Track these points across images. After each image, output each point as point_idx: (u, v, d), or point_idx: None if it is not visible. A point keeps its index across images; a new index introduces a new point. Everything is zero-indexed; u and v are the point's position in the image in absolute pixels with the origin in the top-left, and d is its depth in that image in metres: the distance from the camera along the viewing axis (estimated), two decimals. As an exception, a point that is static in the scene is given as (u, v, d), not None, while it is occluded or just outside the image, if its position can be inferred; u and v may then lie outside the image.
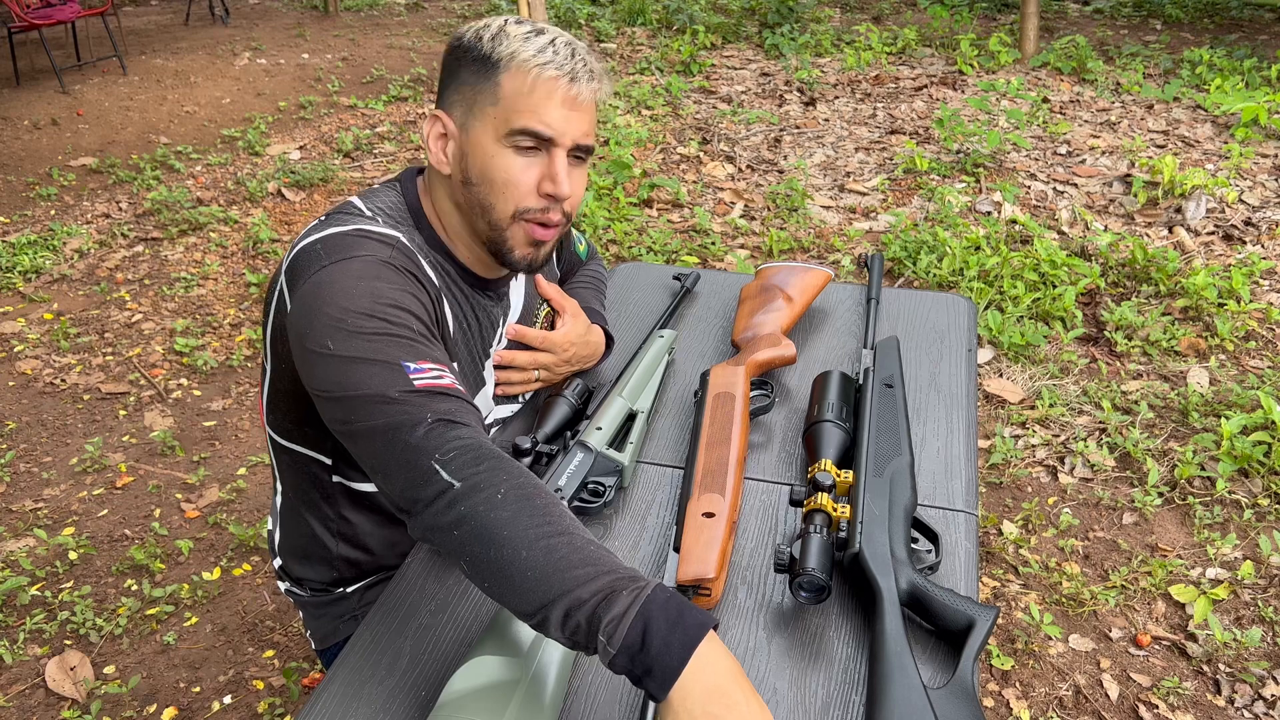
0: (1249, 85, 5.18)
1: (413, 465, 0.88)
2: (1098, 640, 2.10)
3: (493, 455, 0.88)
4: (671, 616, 0.77)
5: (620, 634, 0.76)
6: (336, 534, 1.26)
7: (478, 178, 1.08)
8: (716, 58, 6.39)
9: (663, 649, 0.76)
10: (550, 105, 1.04)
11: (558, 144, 1.06)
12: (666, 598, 0.79)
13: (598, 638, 0.77)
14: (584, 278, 1.52)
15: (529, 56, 1.03)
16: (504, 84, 1.04)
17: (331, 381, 0.95)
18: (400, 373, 0.93)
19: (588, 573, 0.80)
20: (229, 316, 3.54)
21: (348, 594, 1.31)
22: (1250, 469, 2.50)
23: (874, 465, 1.13)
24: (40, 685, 2.09)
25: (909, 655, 0.92)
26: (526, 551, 0.81)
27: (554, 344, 1.31)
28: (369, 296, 0.98)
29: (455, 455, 0.87)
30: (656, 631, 0.76)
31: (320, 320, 0.97)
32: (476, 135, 1.07)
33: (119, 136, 5.34)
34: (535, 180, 1.08)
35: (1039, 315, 3.21)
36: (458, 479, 0.85)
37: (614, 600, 0.78)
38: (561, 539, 0.82)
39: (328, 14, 7.96)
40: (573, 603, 0.79)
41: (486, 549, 0.82)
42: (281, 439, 1.21)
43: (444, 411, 0.91)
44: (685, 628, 0.77)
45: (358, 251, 1.03)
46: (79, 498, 2.66)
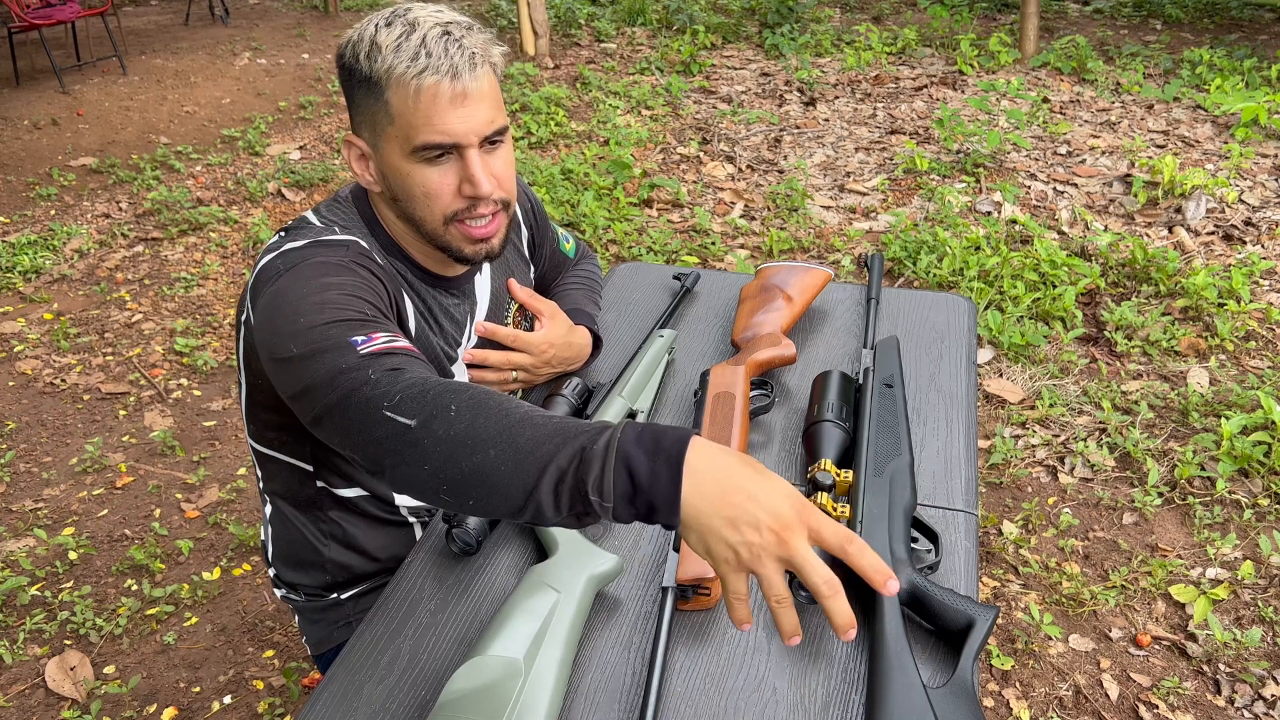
0: (1249, 85, 5.18)
1: (368, 423, 0.87)
2: (1098, 640, 2.10)
3: (437, 384, 0.86)
4: (648, 447, 0.75)
5: (608, 486, 0.74)
6: (327, 537, 1.26)
7: (402, 194, 1.09)
8: (716, 58, 6.39)
9: (653, 481, 0.74)
10: (439, 111, 1.03)
11: (464, 145, 1.06)
12: (637, 433, 0.76)
13: (590, 500, 0.75)
14: (575, 278, 1.51)
15: (404, 68, 1.01)
16: (392, 102, 1.03)
17: (296, 380, 0.95)
18: (349, 348, 0.93)
19: (556, 443, 0.77)
20: (229, 316, 3.54)
21: (342, 600, 1.31)
22: (1250, 469, 2.50)
23: (874, 465, 1.13)
24: (40, 685, 2.09)
25: (909, 655, 0.92)
26: (494, 450, 0.79)
27: (530, 345, 1.30)
28: (318, 292, 0.99)
29: (401, 398, 0.85)
30: (640, 467, 0.74)
31: (279, 329, 0.98)
32: (387, 156, 1.08)
33: (119, 136, 5.35)
34: (454, 185, 1.08)
35: (1039, 315, 3.21)
36: (410, 417, 0.84)
37: (590, 458, 0.75)
38: (522, 425, 0.80)
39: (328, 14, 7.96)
40: (554, 478, 0.76)
41: (457, 465, 0.80)
42: (264, 448, 1.22)
43: (386, 365, 0.90)
44: (667, 450, 0.75)
45: (310, 258, 1.04)
46: (79, 498, 2.66)
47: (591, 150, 4.65)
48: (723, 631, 1.02)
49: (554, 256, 1.50)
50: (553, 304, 1.36)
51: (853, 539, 0.74)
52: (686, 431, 0.76)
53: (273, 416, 1.16)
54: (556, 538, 1.07)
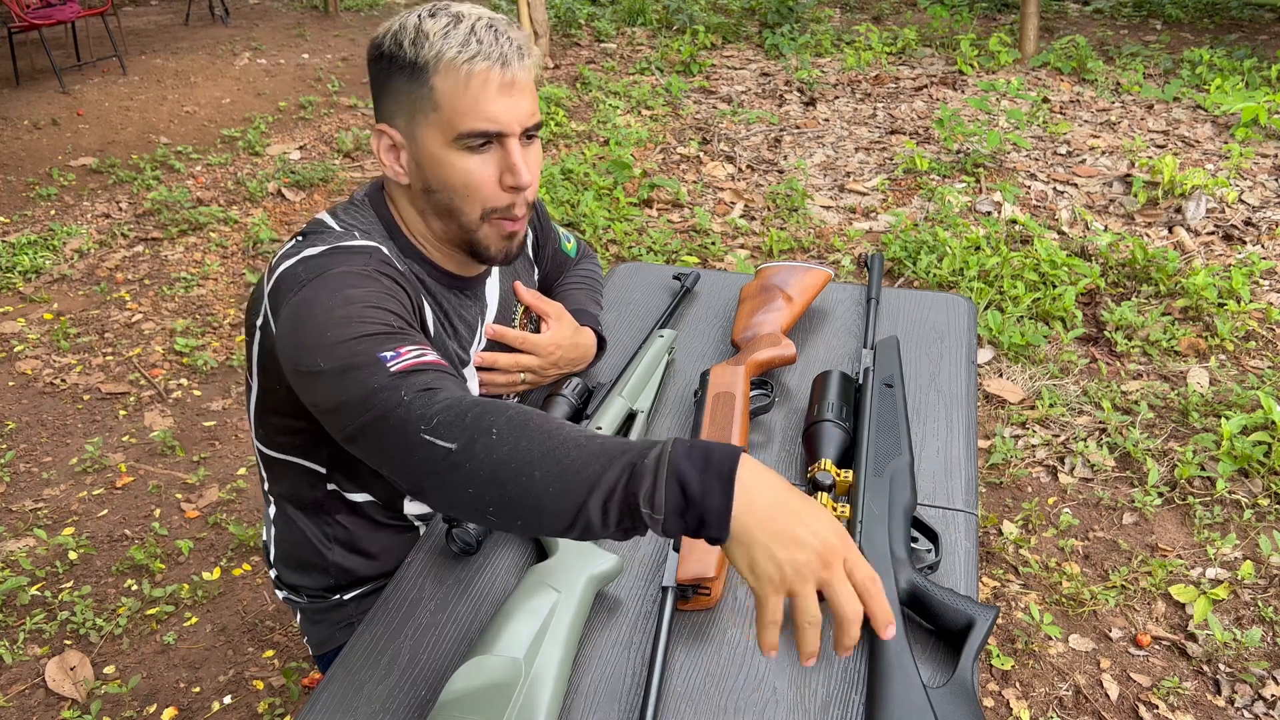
0: (1249, 85, 5.18)
1: (407, 447, 0.87)
2: (1098, 640, 2.10)
3: (474, 405, 0.87)
4: (699, 462, 0.76)
5: (660, 500, 0.76)
6: (331, 540, 1.26)
7: (437, 185, 1.08)
8: (716, 58, 6.39)
9: (704, 495, 0.75)
10: (489, 98, 1.03)
11: (507, 134, 1.05)
12: (687, 448, 0.78)
13: (640, 513, 0.77)
14: (577, 278, 1.51)
15: (455, 53, 1.01)
16: (438, 87, 1.03)
17: (326, 395, 0.95)
18: (379, 365, 0.92)
19: (604, 462, 0.79)
20: (229, 316, 3.54)
21: (344, 602, 1.31)
22: (1250, 469, 2.50)
23: (874, 465, 1.13)
24: (40, 685, 2.10)
25: (909, 655, 0.92)
26: (539, 471, 0.80)
27: (537, 347, 1.30)
28: (344, 305, 0.98)
29: (439, 420, 0.86)
30: (692, 482, 0.76)
31: (306, 341, 0.97)
32: (425, 144, 1.06)
33: (119, 136, 5.35)
34: (495, 175, 1.07)
35: (1039, 315, 3.21)
36: (451, 441, 0.84)
37: (640, 473, 0.77)
38: (566, 446, 0.81)
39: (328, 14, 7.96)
40: (604, 495, 0.77)
41: (503, 488, 0.81)
42: (274, 452, 1.21)
43: (419, 385, 0.90)
44: (716, 465, 0.76)
45: (334, 268, 1.03)
46: (79, 498, 2.66)
47: (591, 150, 4.65)
48: (723, 631, 1.02)
49: (556, 256, 1.50)
50: (559, 306, 1.36)
51: (877, 580, 0.77)
52: (735, 448, 0.78)
53: (286, 421, 1.15)
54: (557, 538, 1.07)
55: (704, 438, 1.19)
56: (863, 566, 0.77)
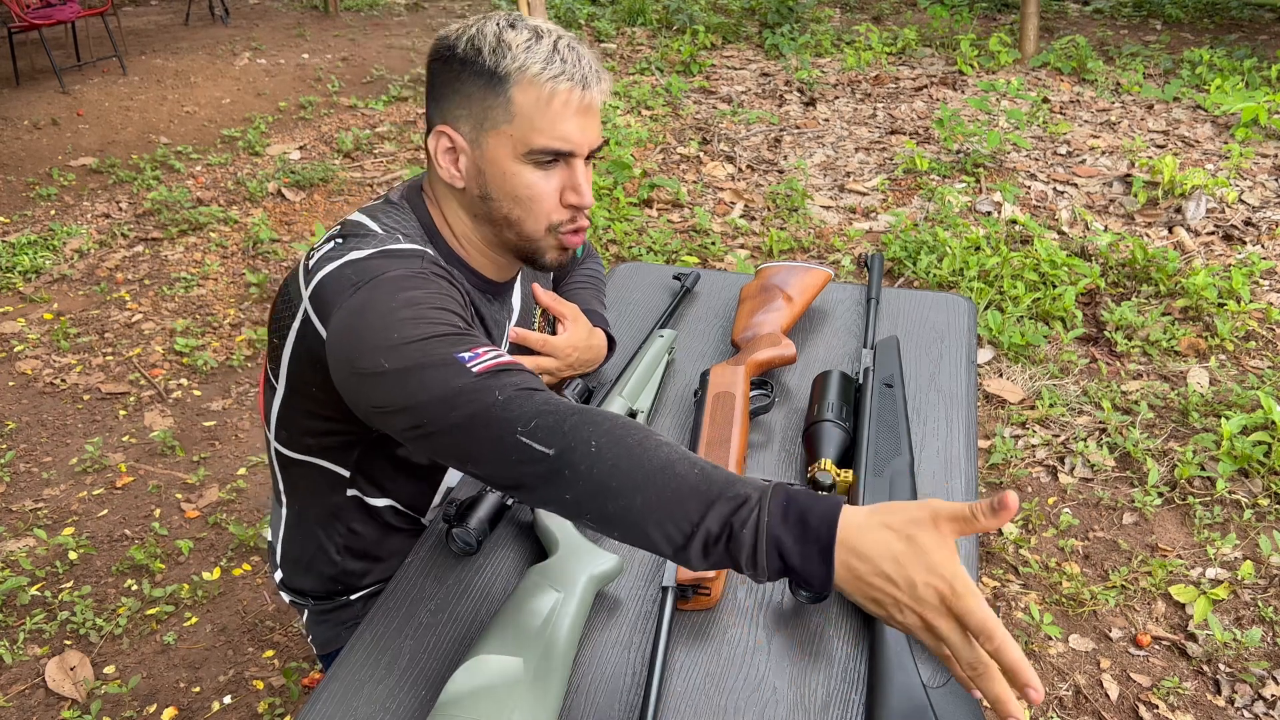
0: (1249, 85, 5.18)
1: (500, 446, 0.86)
2: (1098, 640, 2.10)
3: (574, 411, 0.87)
4: (795, 530, 0.77)
5: (762, 565, 0.77)
6: (344, 548, 1.26)
7: (498, 194, 1.07)
8: (716, 58, 6.39)
9: (804, 563, 0.76)
10: (566, 118, 1.03)
11: (577, 155, 1.06)
12: (782, 509, 0.78)
13: (743, 570, 0.79)
14: (582, 277, 1.51)
15: (538, 70, 1.01)
16: (515, 99, 1.02)
17: (393, 396, 0.93)
18: (458, 365, 0.91)
19: (703, 503, 0.79)
20: (229, 316, 3.54)
21: (351, 601, 1.31)
22: (1250, 469, 2.50)
23: (874, 465, 1.13)
24: (40, 685, 2.10)
25: (908, 654, 0.92)
26: (640, 498, 0.80)
27: (556, 349, 1.31)
28: (408, 307, 0.97)
29: (538, 423, 0.85)
30: (791, 552, 0.77)
31: (367, 343, 0.95)
32: (492, 153, 1.05)
33: (119, 136, 5.35)
34: (558, 192, 1.08)
35: (1039, 315, 3.21)
36: (549, 445, 0.84)
37: (740, 539, 0.78)
38: (666, 473, 0.81)
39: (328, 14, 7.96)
40: (703, 542, 0.79)
41: (603, 504, 0.82)
42: (296, 454, 1.19)
43: (511, 384, 0.89)
44: (814, 531, 0.77)
45: (387, 270, 1.01)
46: (79, 498, 2.66)
47: (591, 150, 4.64)
48: (723, 631, 1.02)
49: None
50: (575, 307, 1.36)
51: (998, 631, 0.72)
52: (833, 507, 0.78)
53: (317, 424, 1.14)
54: (556, 537, 1.07)
55: (704, 438, 1.19)
56: (978, 613, 0.72)
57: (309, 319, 1.04)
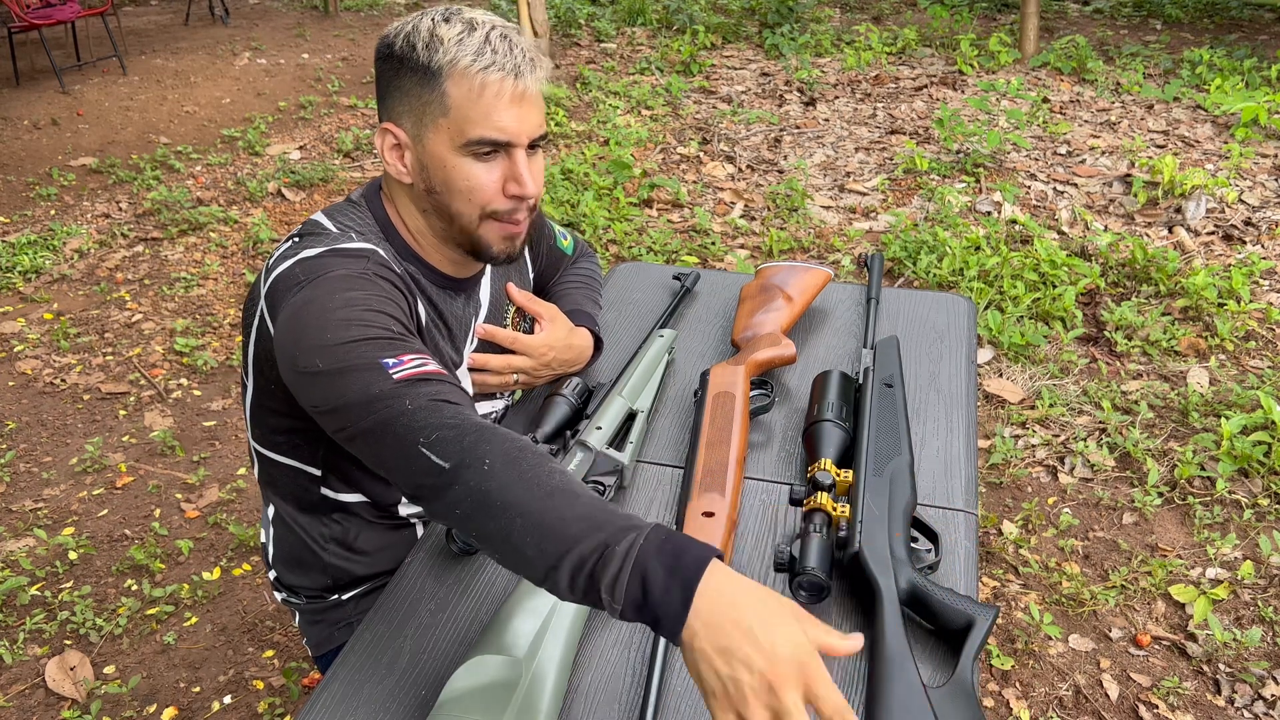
0: (1249, 85, 5.18)
1: (405, 455, 0.88)
2: (1098, 640, 2.10)
3: (476, 428, 0.88)
4: (668, 562, 0.75)
5: (620, 590, 0.76)
6: (327, 540, 1.26)
7: (441, 187, 1.09)
8: (716, 58, 6.39)
9: (663, 597, 0.74)
10: (500, 108, 1.04)
11: (515, 145, 1.06)
12: (661, 541, 0.76)
13: (601, 596, 0.77)
14: (575, 277, 1.51)
15: (470, 61, 1.02)
16: (450, 92, 1.03)
17: (324, 396, 0.96)
18: (381, 371, 0.94)
19: (582, 529, 0.79)
20: (229, 316, 3.54)
21: (343, 601, 1.31)
22: (1250, 469, 2.50)
23: (874, 465, 1.13)
24: (40, 685, 2.10)
25: (909, 654, 0.92)
26: (521, 519, 0.81)
27: (529, 348, 1.30)
28: (344, 307, 0.99)
29: (439, 436, 0.87)
30: (655, 581, 0.75)
31: (305, 342, 0.98)
32: (432, 146, 1.07)
33: (119, 136, 5.35)
34: (499, 182, 1.08)
35: (1039, 315, 3.21)
36: (445, 459, 0.86)
37: (609, 558, 0.76)
38: (554, 500, 0.81)
39: (328, 14, 7.96)
40: (574, 565, 0.78)
41: (486, 521, 0.83)
42: (269, 452, 1.21)
43: (424, 394, 0.92)
44: (683, 571, 0.75)
45: (332, 269, 1.03)
46: (79, 498, 2.66)
47: (591, 150, 4.65)
48: (723, 631, 1.02)
49: (551, 253, 1.50)
50: (553, 307, 1.36)
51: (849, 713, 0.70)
52: (709, 553, 0.76)
53: (282, 421, 1.16)
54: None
55: (704, 438, 1.19)
56: (830, 697, 0.70)
57: (264, 316, 1.08)
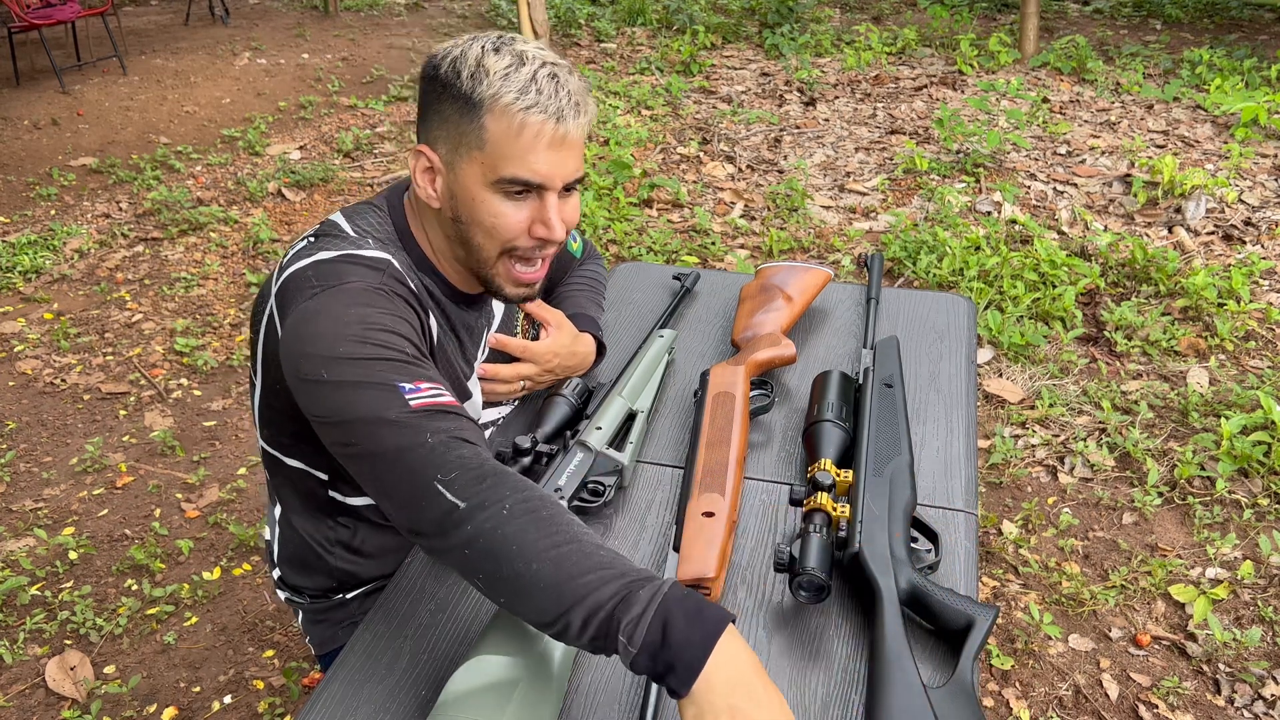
0: (1249, 85, 5.18)
1: (416, 486, 0.88)
2: (1098, 640, 2.10)
3: (495, 472, 0.88)
4: (690, 613, 0.77)
5: (640, 633, 0.77)
6: (334, 543, 1.26)
7: (467, 218, 1.07)
8: (716, 58, 6.39)
9: (684, 644, 0.76)
10: (538, 150, 1.01)
11: (548, 188, 1.04)
12: (684, 595, 0.79)
13: (618, 639, 0.78)
14: (581, 279, 1.51)
15: (512, 99, 0.99)
16: (488, 127, 1.00)
17: (328, 408, 0.95)
18: (396, 394, 0.92)
19: (601, 577, 0.80)
20: (229, 316, 3.54)
21: (347, 600, 1.31)
22: (1250, 469, 2.50)
23: (874, 465, 1.13)
24: (40, 685, 2.10)
25: (909, 654, 0.92)
26: (537, 564, 0.81)
27: (537, 355, 1.30)
28: (359, 323, 0.97)
29: (458, 474, 0.87)
30: (676, 628, 0.76)
31: (313, 349, 0.96)
32: (463, 178, 1.04)
33: (119, 136, 5.34)
34: (526, 223, 1.06)
35: (1039, 315, 3.21)
36: (462, 498, 0.85)
37: (631, 601, 0.78)
38: (571, 547, 0.82)
39: (328, 14, 7.96)
40: (590, 608, 0.79)
41: (498, 565, 0.83)
42: (278, 452, 1.20)
43: (444, 430, 0.91)
44: (705, 622, 0.77)
45: (347, 278, 1.01)
46: (79, 498, 2.66)
47: (591, 150, 4.65)
48: (723, 631, 1.02)
49: (561, 256, 1.49)
50: (559, 314, 1.36)
51: None
52: (728, 615, 0.79)
53: (288, 424, 1.14)
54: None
55: (704, 438, 1.19)
56: None
57: (273, 315, 1.06)
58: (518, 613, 0.84)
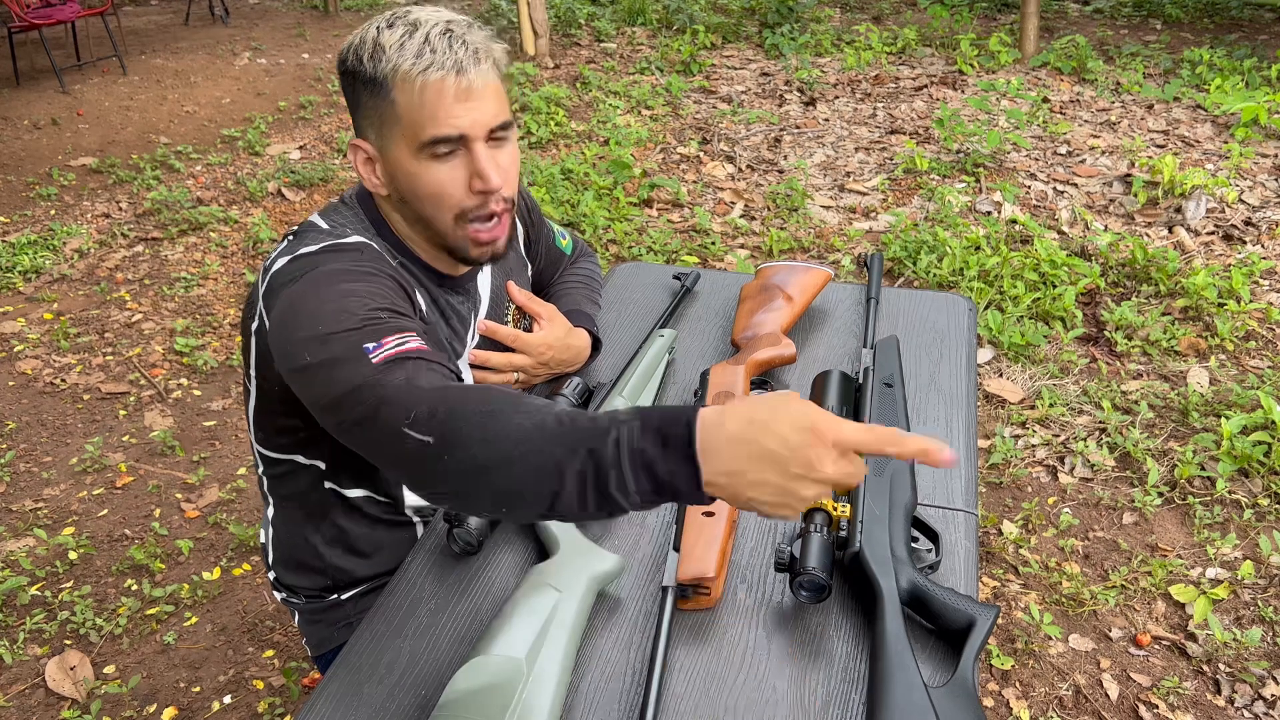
0: (1249, 85, 5.18)
1: (392, 438, 0.88)
2: (1098, 640, 2.10)
3: (444, 396, 0.87)
4: (655, 439, 0.76)
5: (631, 490, 0.77)
6: (329, 541, 1.26)
7: (409, 195, 1.09)
8: (716, 58, 6.39)
9: (673, 475, 0.76)
10: (444, 104, 1.03)
11: (471, 138, 1.05)
12: (641, 426, 0.78)
13: (615, 502, 0.78)
14: (575, 277, 1.51)
15: (409, 66, 1.01)
16: (398, 100, 1.03)
17: (316, 391, 0.96)
18: (364, 358, 0.93)
19: (565, 446, 0.79)
20: (229, 316, 3.54)
21: (342, 601, 1.31)
22: (1250, 469, 2.50)
23: (874, 464, 1.13)
24: (40, 685, 2.10)
25: (909, 654, 0.92)
26: (517, 466, 0.80)
27: (529, 346, 1.31)
28: (334, 300, 0.99)
29: (416, 414, 0.86)
30: (655, 460, 0.76)
31: (295, 337, 0.98)
32: (394, 156, 1.07)
33: (119, 136, 5.34)
34: (464, 181, 1.07)
35: (1039, 315, 3.21)
36: (429, 434, 0.85)
37: (604, 465, 0.77)
38: (537, 435, 0.81)
39: (328, 14, 7.96)
40: (576, 485, 0.78)
41: (479, 481, 0.82)
42: (272, 453, 1.21)
43: (401, 378, 0.91)
44: (675, 440, 0.76)
45: (326, 264, 1.04)
46: (79, 498, 2.66)
47: (591, 150, 4.65)
48: (723, 631, 1.02)
49: (550, 253, 1.50)
50: (551, 307, 1.36)
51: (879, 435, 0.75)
52: (687, 409, 0.78)
53: (285, 421, 1.15)
54: (558, 537, 1.07)
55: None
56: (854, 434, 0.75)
57: (261, 315, 1.08)
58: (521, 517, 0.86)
